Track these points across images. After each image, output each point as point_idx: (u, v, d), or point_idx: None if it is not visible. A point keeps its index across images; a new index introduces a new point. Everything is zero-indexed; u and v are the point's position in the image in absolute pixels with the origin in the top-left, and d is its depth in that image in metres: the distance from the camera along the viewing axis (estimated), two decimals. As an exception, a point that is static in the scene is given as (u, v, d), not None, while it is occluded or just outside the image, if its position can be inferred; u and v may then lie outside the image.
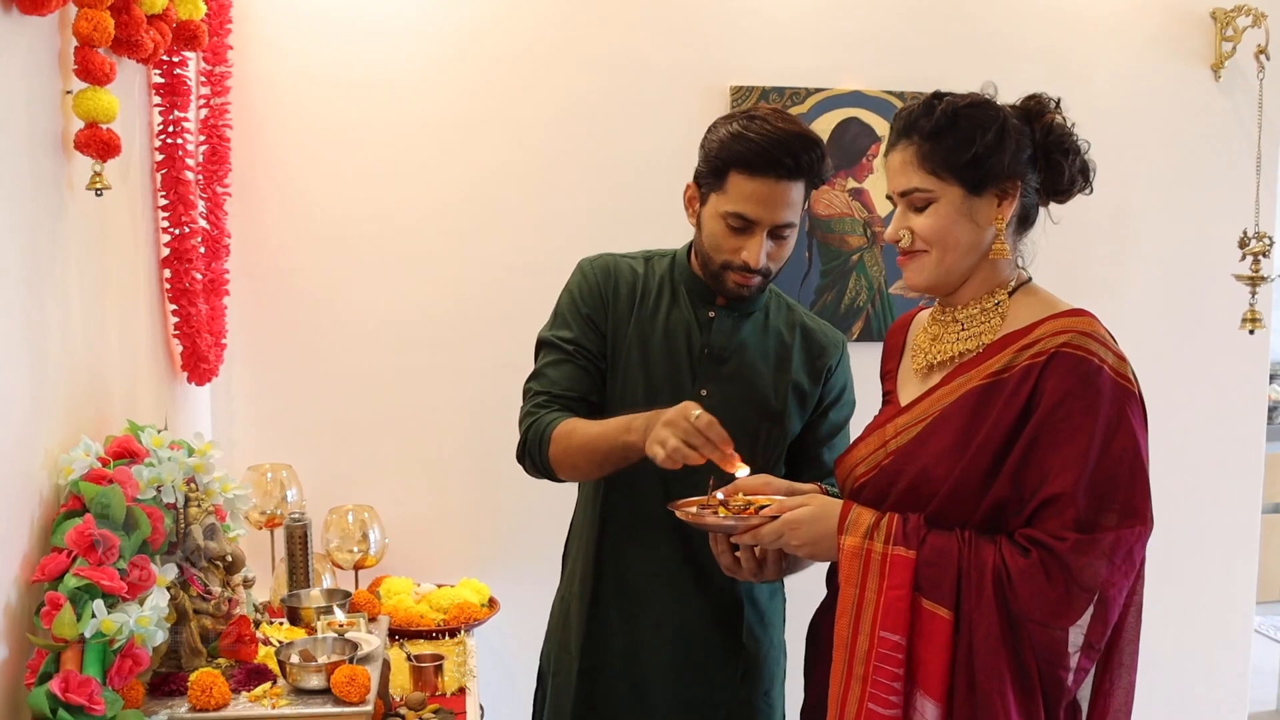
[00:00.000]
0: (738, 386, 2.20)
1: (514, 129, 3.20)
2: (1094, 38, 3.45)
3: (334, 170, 3.14)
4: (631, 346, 2.21)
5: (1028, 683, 1.71)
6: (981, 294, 1.85)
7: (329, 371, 3.17)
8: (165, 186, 2.46)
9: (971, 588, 1.72)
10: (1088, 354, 1.71)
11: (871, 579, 1.77)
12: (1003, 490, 1.73)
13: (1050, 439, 1.70)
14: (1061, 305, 1.83)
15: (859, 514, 1.82)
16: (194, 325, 2.57)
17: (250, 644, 1.92)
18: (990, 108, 1.82)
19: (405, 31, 3.14)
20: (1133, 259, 3.53)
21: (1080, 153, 1.85)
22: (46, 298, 1.77)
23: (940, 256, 1.82)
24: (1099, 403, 1.69)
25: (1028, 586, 1.68)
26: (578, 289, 2.26)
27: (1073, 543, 1.66)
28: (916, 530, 1.76)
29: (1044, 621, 1.69)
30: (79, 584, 1.59)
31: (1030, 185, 1.84)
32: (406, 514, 3.15)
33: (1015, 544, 1.71)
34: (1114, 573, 1.68)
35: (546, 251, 3.16)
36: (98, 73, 1.78)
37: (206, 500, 1.97)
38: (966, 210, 1.80)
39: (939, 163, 1.79)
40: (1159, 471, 3.42)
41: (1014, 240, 1.87)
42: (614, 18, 3.22)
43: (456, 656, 2.61)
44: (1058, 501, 1.68)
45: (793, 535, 1.85)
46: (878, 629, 1.75)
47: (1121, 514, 1.68)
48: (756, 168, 2.03)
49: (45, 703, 1.51)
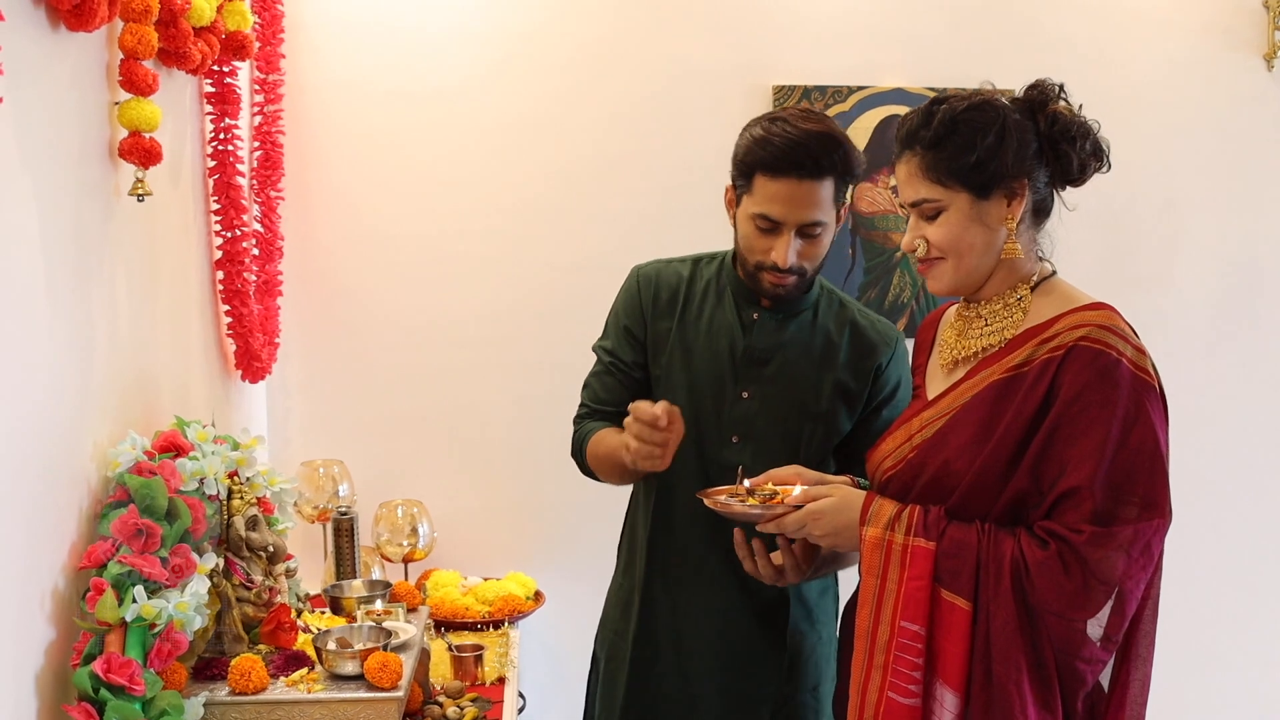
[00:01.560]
0: (779, 388, 2.22)
1: (559, 133, 3.26)
2: (1142, 29, 3.43)
3: (386, 174, 3.22)
4: (675, 350, 2.26)
5: (1044, 674, 1.72)
6: (1004, 289, 1.86)
7: (381, 369, 3.25)
8: (217, 191, 2.55)
9: (990, 579, 1.73)
10: (1106, 347, 1.72)
11: (892, 570, 1.79)
12: (1022, 483, 1.75)
13: (1068, 432, 1.71)
14: (1083, 299, 1.83)
15: (881, 505, 1.84)
16: (246, 325, 2.66)
17: (290, 631, 1.99)
18: (989, 108, 1.81)
19: (454, 39, 3.21)
20: (1182, 251, 3.49)
21: (1090, 135, 1.84)
22: (94, 298, 1.85)
23: (957, 263, 1.84)
24: (1116, 396, 1.70)
25: (1045, 578, 1.69)
26: (621, 300, 2.34)
27: (1089, 535, 1.67)
28: (937, 522, 1.78)
29: (1061, 613, 1.69)
30: (122, 570, 1.68)
31: (1039, 179, 1.84)
32: (455, 508, 3.22)
33: (1034, 536, 1.73)
34: (1131, 565, 1.69)
35: (592, 252, 3.22)
36: (141, 84, 1.86)
37: (249, 493, 2.05)
38: (976, 215, 1.81)
39: (943, 171, 1.80)
40: (1209, 469, 3.44)
41: (1031, 233, 1.87)
42: (657, 22, 3.27)
43: (498, 648, 2.67)
44: (1075, 494, 1.69)
45: (815, 525, 1.88)
46: (898, 619, 1.78)
47: (1140, 507, 1.69)
48: (778, 169, 2.06)
49: (89, 682, 1.60)
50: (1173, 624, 3.52)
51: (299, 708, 1.82)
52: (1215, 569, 3.54)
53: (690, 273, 2.31)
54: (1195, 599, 3.53)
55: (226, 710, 1.81)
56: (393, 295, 3.25)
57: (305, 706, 1.82)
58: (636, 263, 2.37)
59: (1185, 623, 3.55)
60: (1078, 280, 3.36)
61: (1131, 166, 3.44)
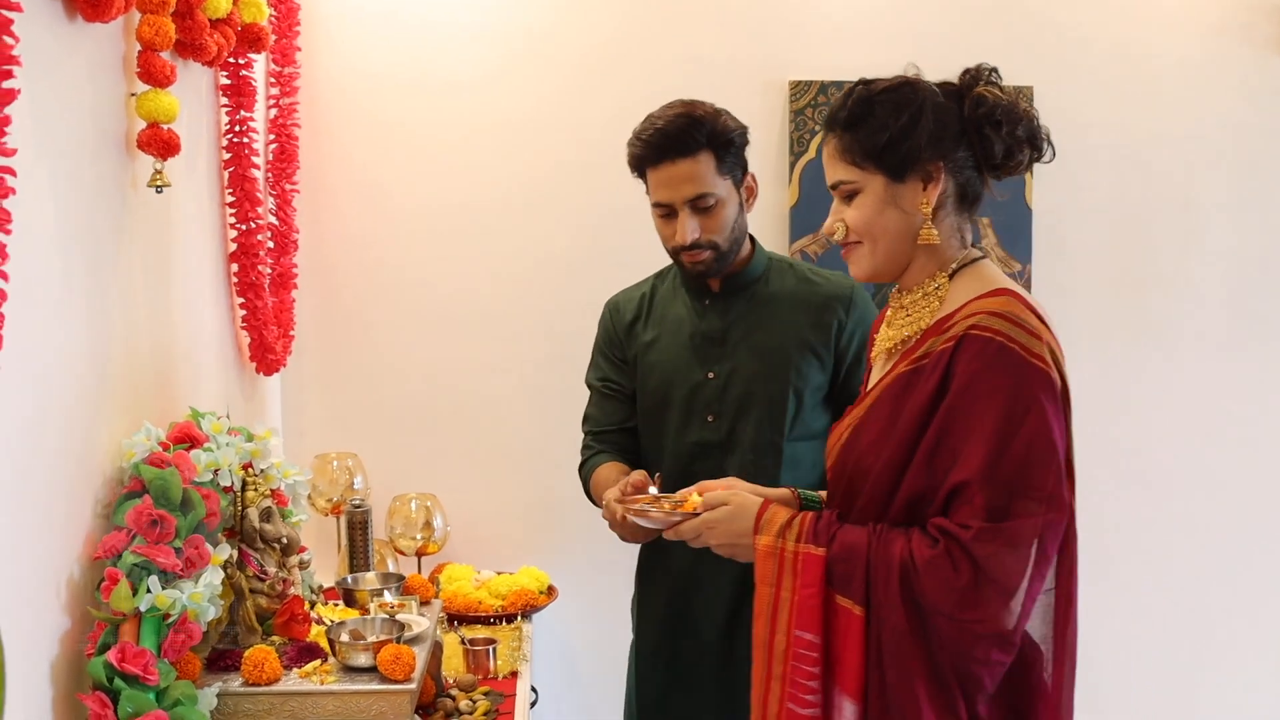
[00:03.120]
0: (741, 360, 2.33)
1: (576, 127, 3.25)
2: (1160, 27, 3.41)
3: (401, 168, 3.22)
4: (646, 352, 2.43)
5: (941, 678, 1.66)
6: (924, 278, 1.79)
7: (395, 362, 3.25)
8: (232, 184, 2.55)
9: (879, 582, 1.68)
10: (994, 334, 1.64)
11: (786, 578, 1.75)
12: (918, 479, 1.69)
13: (959, 425, 1.65)
14: (995, 284, 1.74)
15: (775, 512, 1.81)
16: (261, 317, 2.66)
17: (303, 623, 1.99)
18: (907, 89, 1.76)
19: (469, 32, 3.21)
20: (1200, 252, 3.47)
21: (1018, 122, 1.75)
22: (110, 290, 1.86)
23: (873, 247, 1.78)
24: (1004, 385, 1.63)
25: (933, 577, 1.63)
26: (599, 333, 2.55)
27: (977, 531, 1.61)
28: (827, 527, 1.75)
29: (951, 614, 1.63)
30: (136, 561, 1.68)
31: (961, 164, 1.76)
32: (469, 502, 3.22)
33: (926, 535, 1.67)
34: (1022, 563, 1.61)
35: (607, 247, 3.22)
36: (159, 75, 1.87)
37: (263, 484, 2.05)
38: (891, 198, 1.75)
39: (858, 152, 1.75)
40: (1226, 469, 3.43)
41: (956, 220, 1.79)
42: (674, 16, 3.27)
43: (511, 641, 2.67)
44: (966, 489, 1.63)
45: (710, 535, 1.86)
46: (793, 628, 1.73)
47: (1033, 501, 1.62)
48: (649, 160, 2.27)
49: (103, 672, 1.61)
50: (1191, 623, 3.52)
51: (312, 699, 1.83)
52: (1232, 570, 3.52)
53: (650, 288, 2.50)
54: (1211, 599, 3.52)
55: (240, 701, 1.82)
56: (407, 288, 3.25)
57: (318, 698, 1.83)
58: (653, 259, 2.50)
59: (1204, 623, 3.54)
60: (1095, 281, 3.41)
61: (1149, 166, 3.43)
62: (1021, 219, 3.38)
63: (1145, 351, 3.47)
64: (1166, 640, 3.53)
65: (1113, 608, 3.48)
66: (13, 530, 1.49)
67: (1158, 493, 3.49)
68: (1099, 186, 3.41)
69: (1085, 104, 3.38)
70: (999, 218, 3.37)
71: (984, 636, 1.63)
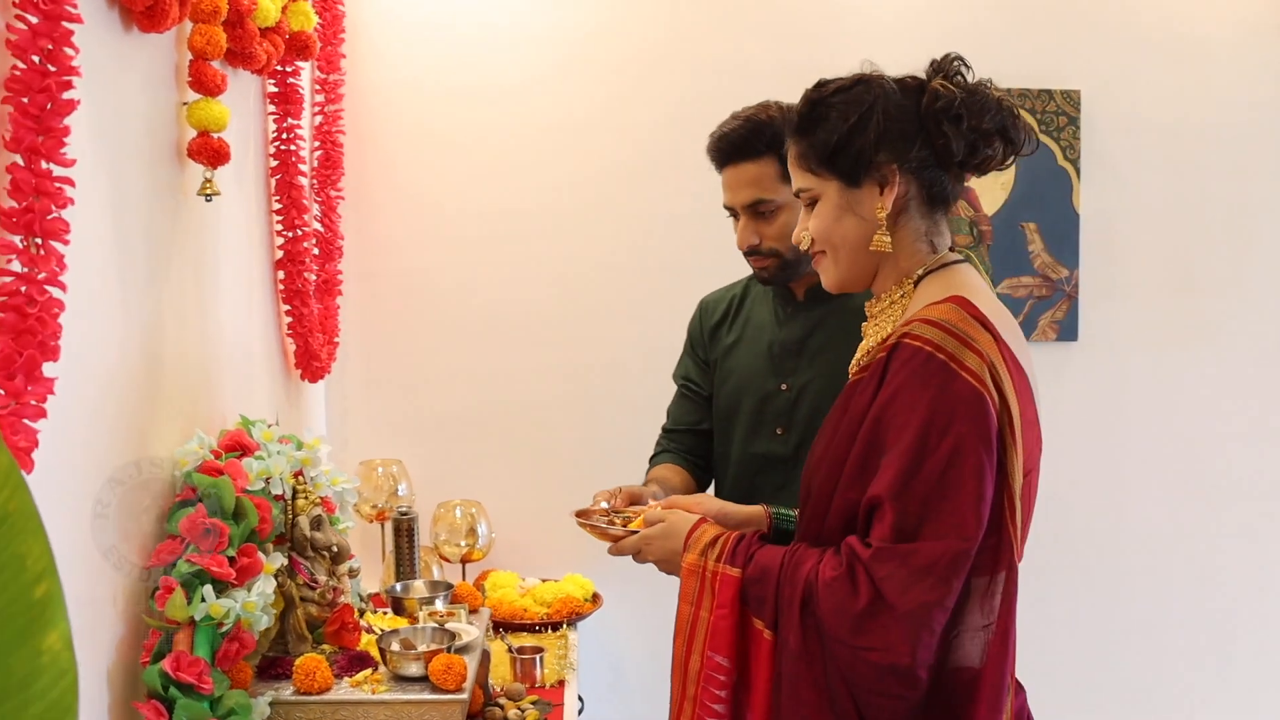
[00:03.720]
0: (813, 376, 2.26)
1: (621, 132, 3.24)
2: (1212, 27, 3.37)
3: (445, 174, 3.22)
4: (725, 357, 2.38)
5: (838, 709, 1.56)
6: (891, 286, 1.70)
7: (439, 369, 3.25)
8: (279, 191, 2.56)
9: (784, 603, 1.61)
10: (924, 343, 1.53)
11: (705, 597, 1.70)
12: (850, 493, 1.59)
13: (882, 438, 1.55)
14: (952, 291, 1.62)
15: (703, 531, 1.77)
16: (306, 324, 2.66)
17: (353, 632, 1.99)
18: (860, 88, 1.67)
19: (513, 39, 3.21)
20: (1253, 256, 3.43)
21: (984, 114, 1.63)
22: (164, 299, 1.86)
23: (834, 256, 1.71)
24: (925, 398, 1.51)
25: (831, 599, 1.54)
26: (688, 332, 2.51)
27: (875, 550, 1.51)
28: (747, 547, 1.69)
29: (845, 640, 1.52)
30: (190, 569, 1.68)
31: (922, 163, 1.65)
32: (514, 509, 3.21)
33: (838, 554, 1.57)
34: (923, 590, 1.48)
35: (654, 252, 3.21)
36: (210, 84, 1.87)
37: (314, 493, 2.05)
38: (848, 204, 1.67)
39: (813, 158, 1.69)
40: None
41: (922, 223, 1.67)
42: (718, 21, 3.25)
43: (558, 650, 2.66)
44: (880, 506, 1.53)
45: (648, 551, 1.85)
46: (706, 649, 1.69)
47: (941, 524, 1.49)
48: (720, 162, 2.26)
49: (158, 680, 1.61)
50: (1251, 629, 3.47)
51: (363, 708, 1.82)
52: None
53: (743, 289, 2.43)
54: (1269, 606, 3.47)
55: (291, 710, 1.81)
56: (451, 295, 3.25)
57: (369, 707, 1.82)
58: (698, 265, 2.46)
59: (1270, 629, 3.49)
60: (1144, 285, 3.37)
61: (1201, 167, 3.39)
62: (1068, 223, 3.34)
63: (1197, 356, 3.42)
64: (1223, 646, 3.48)
65: (1169, 613, 3.44)
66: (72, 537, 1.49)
67: (1212, 498, 3.44)
68: (1149, 189, 3.37)
69: (1135, 105, 3.35)
70: (1046, 223, 3.33)
71: (879, 667, 1.51)
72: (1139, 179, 3.37)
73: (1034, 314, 3.35)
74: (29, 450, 1.27)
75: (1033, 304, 3.35)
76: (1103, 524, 3.42)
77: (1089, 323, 3.38)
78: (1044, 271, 3.35)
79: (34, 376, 1.29)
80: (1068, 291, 3.35)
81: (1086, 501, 3.40)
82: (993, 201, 3.32)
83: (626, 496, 2.12)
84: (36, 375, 1.29)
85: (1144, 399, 3.42)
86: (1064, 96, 3.31)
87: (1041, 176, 3.32)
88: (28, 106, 1.31)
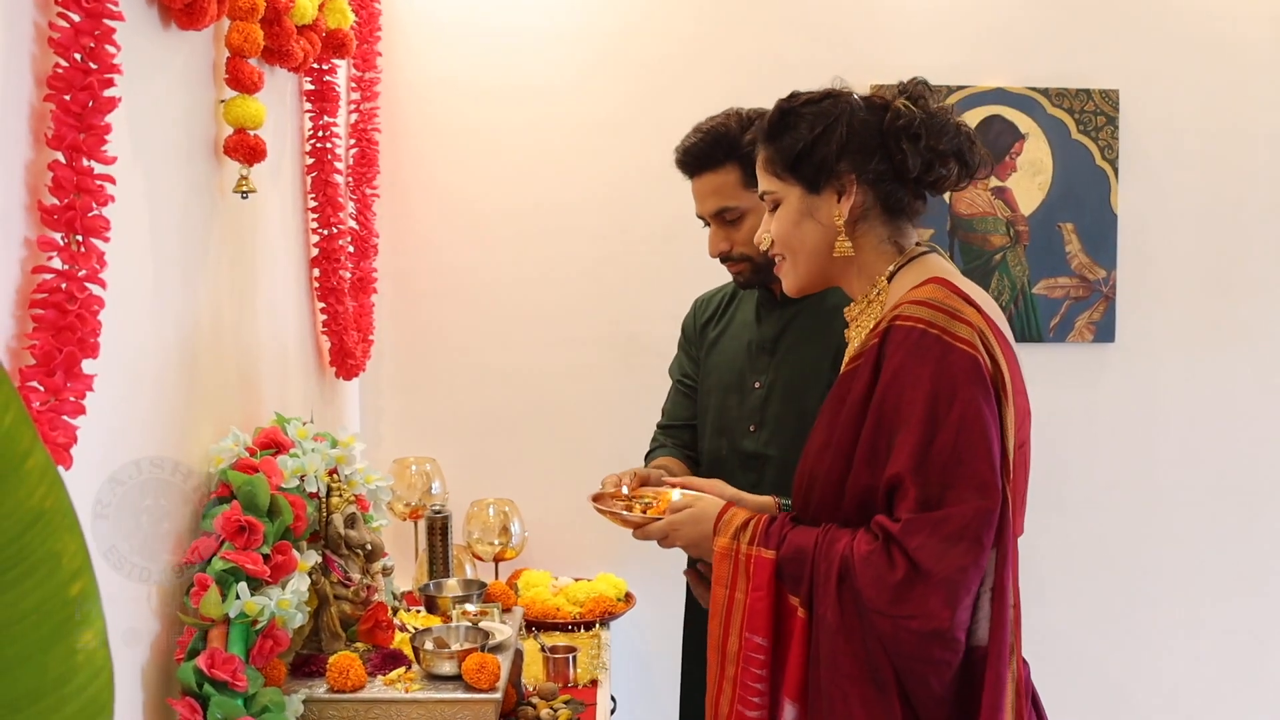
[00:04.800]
0: (786, 375, 2.29)
1: (654, 130, 3.21)
2: (1252, 26, 3.32)
3: (480, 172, 3.22)
4: (709, 354, 2.44)
5: (879, 681, 1.60)
6: (865, 287, 1.78)
7: (474, 367, 3.25)
8: (314, 189, 2.56)
9: (820, 581, 1.65)
10: (916, 321, 1.61)
11: (740, 580, 1.75)
12: (862, 478, 1.65)
13: (891, 417, 1.61)
14: (929, 274, 1.71)
15: (733, 515, 1.81)
16: (341, 322, 2.67)
17: (387, 630, 1.99)
18: (829, 102, 1.76)
19: (548, 37, 3.21)
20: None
21: (941, 135, 1.71)
22: (199, 296, 1.87)
23: (794, 259, 1.79)
24: (927, 372, 1.59)
25: (869, 573, 1.59)
26: (682, 328, 2.57)
27: (905, 522, 1.56)
28: (779, 529, 1.74)
29: (885, 610, 1.57)
30: (225, 567, 1.69)
31: (880, 176, 1.73)
32: (547, 508, 3.21)
33: (869, 531, 1.63)
34: (957, 554, 1.55)
35: (685, 251, 3.19)
36: (247, 81, 1.87)
37: (348, 490, 2.05)
38: (808, 210, 1.76)
39: (779, 163, 1.77)
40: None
41: (881, 230, 1.76)
42: (753, 19, 3.24)
43: (590, 649, 2.65)
44: (900, 484, 1.59)
45: (676, 536, 1.88)
46: (744, 630, 1.73)
47: (964, 489, 1.56)
48: (686, 173, 2.31)
49: (193, 677, 1.61)
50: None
51: (396, 707, 1.82)
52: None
53: (734, 288, 2.47)
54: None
55: (324, 708, 1.82)
56: (485, 293, 3.25)
57: (403, 706, 1.82)
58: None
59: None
60: (1182, 287, 3.33)
61: (1240, 168, 3.35)
62: (1106, 224, 3.30)
63: (1235, 358, 3.38)
64: (1259, 650, 3.44)
65: (1205, 617, 3.41)
66: (107, 536, 1.50)
67: (1249, 502, 3.40)
68: (1187, 190, 3.33)
69: (1174, 105, 3.31)
70: (1083, 223, 3.30)
71: (922, 634, 1.56)
72: (1177, 180, 3.33)
73: (1071, 315, 3.32)
74: (68, 446, 1.28)
75: (1069, 305, 3.32)
76: (1139, 526, 3.39)
77: (1126, 324, 3.35)
78: (1081, 272, 3.31)
79: (73, 373, 1.29)
80: (1105, 292, 3.32)
81: (1122, 503, 3.36)
82: (1030, 202, 3.29)
83: (638, 479, 2.15)
84: (76, 372, 1.30)
85: (1181, 401, 3.38)
86: (1102, 96, 3.28)
87: (1079, 177, 3.29)
88: (70, 104, 1.32)
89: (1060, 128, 3.26)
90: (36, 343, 1.27)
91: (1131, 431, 3.37)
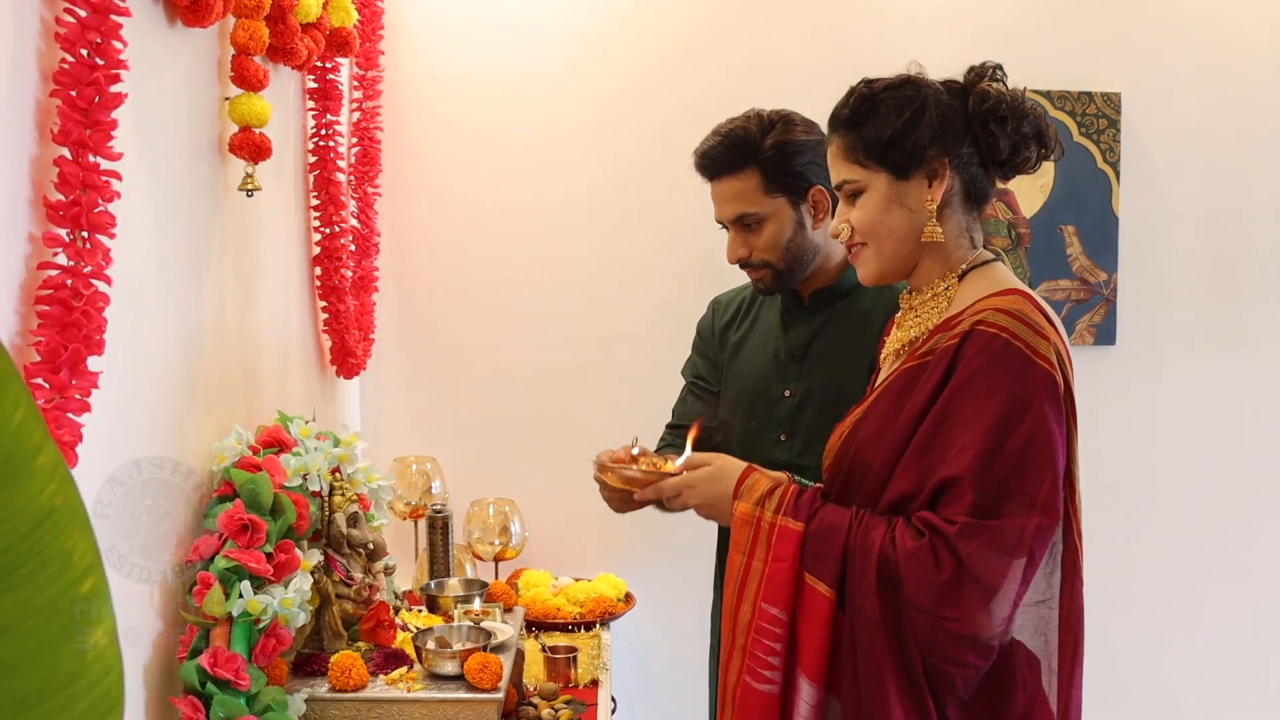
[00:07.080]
0: (817, 381, 2.23)
1: (657, 127, 3.23)
2: (1255, 29, 3.33)
3: (482, 170, 3.22)
4: (733, 359, 2.37)
5: (911, 673, 1.61)
6: (934, 279, 1.76)
7: (475, 366, 3.25)
8: (317, 187, 2.56)
9: (856, 568, 1.64)
10: (1000, 330, 1.61)
11: (759, 548, 1.72)
12: (908, 474, 1.65)
13: (955, 419, 1.61)
14: (1006, 284, 1.71)
15: (757, 479, 1.79)
16: (342, 321, 2.66)
17: (389, 629, 1.99)
18: (910, 87, 1.74)
19: (548, 35, 3.20)
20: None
21: (1026, 117, 1.73)
22: (204, 294, 1.86)
23: (878, 248, 1.75)
24: (1005, 382, 1.58)
25: (914, 570, 1.58)
26: (698, 330, 2.49)
27: (962, 527, 1.56)
28: (810, 503, 1.72)
29: (928, 609, 1.57)
30: (228, 565, 1.68)
31: (966, 160, 1.74)
32: (547, 508, 3.20)
33: (911, 526, 1.62)
34: (1007, 565, 1.56)
35: (691, 249, 3.19)
36: (252, 79, 1.87)
37: (350, 489, 2.05)
38: (896, 196, 1.73)
39: (862, 151, 1.73)
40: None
41: (963, 219, 1.76)
42: (752, 17, 3.24)
43: (591, 649, 2.65)
44: (956, 485, 1.58)
45: (690, 494, 1.85)
46: (760, 600, 1.70)
47: (1021, 503, 1.57)
48: (705, 176, 2.26)
49: (195, 676, 1.61)
50: None
51: (398, 706, 1.82)
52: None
53: (755, 290, 2.39)
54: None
55: (326, 707, 1.81)
56: (486, 292, 3.24)
57: (405, 705, 1.82)
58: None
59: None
60: (1184, 290, 3.33)
61: (1242, 171, 3.35)
62: (1108, 226, 3.30)
63: (1236, 360, 3.38)
64: (1258, 652, 3.44)
65: (1204, 619, 3.41)
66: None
67: (1249, 504, 3.40)
68: (1189, 193, 3.34)
69: (1176, 108, 3.31)
70: (1084, 225, 3.30)
71: (960, 636, 1.57)
72: (1179, 183, 3.33)
73: (1072, 317, 3.32)
74: (73, 444, 1.27)
75: (1071, 307, 3.32)
76: (1139, 528, 3.39)
77: (1127, 327, 3.35)
78: (1082, 275, 3.31)
79: (79, 370, 1.29)
80: (1106, 295, 3.32)
81: (1122, 505, 3.36)
82: (1031, 204, 3.29)
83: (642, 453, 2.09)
84: (81, 369, 1.29)
85: (1182, 403, 3.38)
86: (1104, 99, 3.28)
87: (1081, 179, 3.29)
88: (76, 100, 1.31)
89: (1062, 130, 3.25)
90: (42, 339, 1.27)
91: (1132, 434, 3.37)
